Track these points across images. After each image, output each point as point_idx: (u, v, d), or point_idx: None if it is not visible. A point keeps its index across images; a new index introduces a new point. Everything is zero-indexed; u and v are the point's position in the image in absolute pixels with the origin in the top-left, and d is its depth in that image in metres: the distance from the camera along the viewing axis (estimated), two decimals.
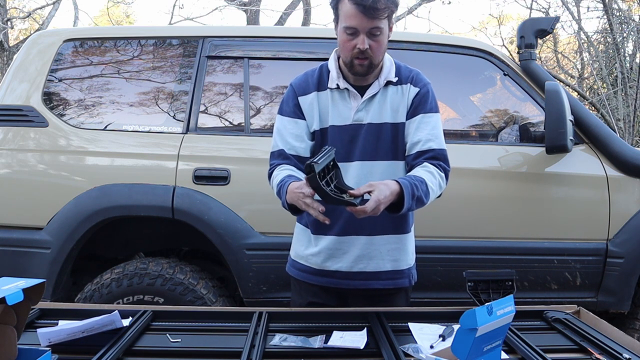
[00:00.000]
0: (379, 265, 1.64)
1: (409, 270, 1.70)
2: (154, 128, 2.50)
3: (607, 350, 1.24)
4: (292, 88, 1.66)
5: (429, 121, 1.59)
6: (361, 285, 1.65)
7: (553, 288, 2.41)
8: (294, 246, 1.77)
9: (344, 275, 1.64)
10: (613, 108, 7.90)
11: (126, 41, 2.68)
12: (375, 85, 1.60)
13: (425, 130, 1.58)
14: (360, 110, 1.60)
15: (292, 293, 1.80)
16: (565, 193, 2.44)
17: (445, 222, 2.39)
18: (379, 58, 1.56)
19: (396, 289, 1.69)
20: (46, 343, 1.21)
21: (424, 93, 1.61)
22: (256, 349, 1.21)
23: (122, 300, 2.35)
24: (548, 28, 2.59)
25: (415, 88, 1.61)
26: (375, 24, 1.48)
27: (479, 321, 1.04)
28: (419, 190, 1.43)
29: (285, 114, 1.65)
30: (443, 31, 11.23)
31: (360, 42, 1.49)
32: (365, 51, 1.50)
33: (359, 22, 1.48)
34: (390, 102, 1.60)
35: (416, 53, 2.54)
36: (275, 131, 1.67)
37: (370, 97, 1.60)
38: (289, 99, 1.65)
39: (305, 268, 1.70)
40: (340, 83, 1.60)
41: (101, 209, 2.36)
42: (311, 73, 1.67)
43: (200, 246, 2.62)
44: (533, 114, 2.68)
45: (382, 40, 1.52)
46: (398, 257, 1.66)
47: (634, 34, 8.51)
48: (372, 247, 1.63)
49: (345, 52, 1.54)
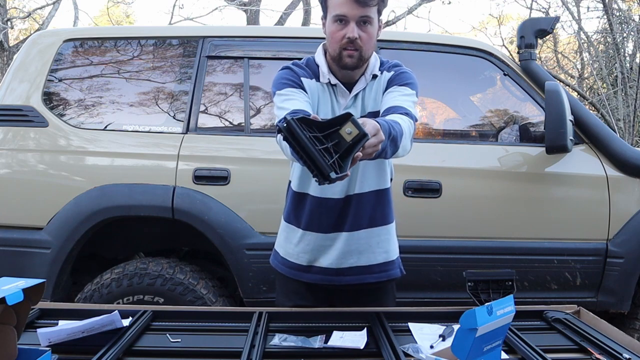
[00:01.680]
0: (370, 259, 1.62)
1: (398, 260, 1.69)
2: (154, 128, 2.50)
3: (607, 350, 1.24)
4: (291, 70, 1.57)
5: (402, 91, 1.52)
6: (354, 281, 1.63)
7: (553, 288, 2.41)
8: (281, 242, 1.71)
9: (334, 271, 1.62)
10: (613, 108, 7.90)
11: (126, 41, 2.68)
12: (362, 81, 1.57)
13: (397, 94, 1.51)
14: (349, 107, 1.57)
15: (277, 292, 1.75)
16: (565, 193, 2.44)
17: (445, 222, 2.39)
18: (369, 52, 1.53)
19: (387, 281, 1.66)
20: (46, 343, 1.21)
21: (398, 73, 1.57)
22: (256, 349, 1.21)
23: (122, 300, 2.35)
24: (548, 28, 2.59)
25: (389, 73, 1.58)
26: (366, 12, 1.46)
27: (479, 321, 1.04)
28: (394, 130, 1.32)
29: (288, 85, 1.52)
30: (443, 31, 11.22)
31: (350, 30, 1.47)
32: (354, 41, 1.47)
33: (348, 10, 1.45)
34: (374, 93, 1.57)
35: (416, 53, 2.54)
36: (279, 103, 1.50)
37: (357, 94, 1.57)
38: (289, 75, 1.55)
39: (293, 265, 1.66)
40: (331, 79, 1.57)
41: (101, 209, 2.36)
42: (301, 64, 1.61)
43: (200, 246, 2.62)
44: (533, 114, 2.68)
45: (371, 32, 1.50)
46: (388, 249, 1.64)
47: (634, 34, 8.51)
48: (359, 242, 1.60)
49: (334, 43, 1.51)
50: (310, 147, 0.99)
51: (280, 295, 1.73)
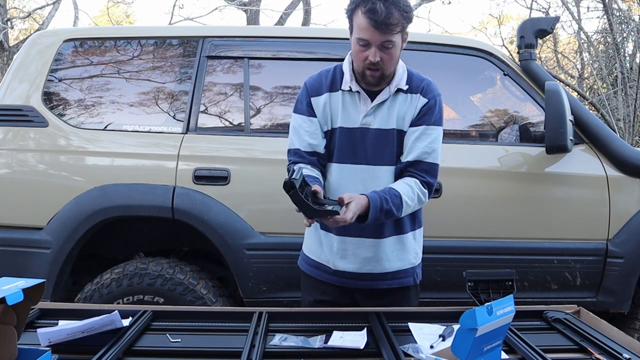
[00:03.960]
0: (385, 267, 1.68)
1: (413, 269, 1.74)
2: (154, 128, 2.49)
3: (607, 350, 1.24)
4: (306, 88, 1.69)
5: (431, 134, 1.63)
6: (368, 286, 1.70)
7: (553, 288, 2.41)
8: (307, 242, 1.80)
9: (352, 275, 1.69)
10: (613, 108, 7.90)
11: (126, 41, 2.67)
12: (386, 92, 1.62)
13: (425, 142, 1.62)
14: (369, 115, 1.62)
15: (302, 291, 1.83)
16: (565, 193, 2.44)
17: (445, 222, 2.39)
18: (391, 69, 1.58)
19: (402, 287, 1.72)
20: (46, 343, 1.21)
21: (432, 104, 1.64)
22: (256, 349, 1.21)
23: (122, 300, 2.35)
24: (548, 28, 2.59)
25: (425, 99, 1.63)
26: (387, 38, 1.50)
27: (479, 321, 1.04)
28: (389, 203, 1.50)
29: (300, 112, 1.68)
30: (443, 31, 11.22)
31: (372, 54, 1.51)
32: (376, 63, 1.53)
33: (370, 36, 1.50)
34: (398, 109, 1.63)
35: (416, 53, 2.54)
36: (291, 129, 1.70)
37: (380, 103, 1.62)
38: (303, 98, 1.69)
39: (316, 264, 1.74)
40: (352, 86, 1.62)
41: (101, 209, 2.35)
42: (325, 73, 1.69)
43: (200, 246, 2.62)
44: (533, 114, 2.68)
45: (394, 53, 1.54)
46: (402, 257, 1.70)
47: (634, 34, 8.51)
48: (380, 250, 1.67)
49: (358, 62, 1.57)
50: (301, 202, 1.36)
51: (304, 292, 1.82)
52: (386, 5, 1.46)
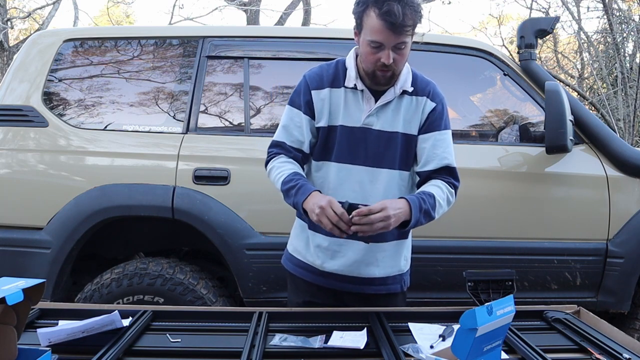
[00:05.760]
0: (372, 272, 1.64)
1: (401, 276, 1.71)
2: (154, 128, 2.50)
3: (607, 350, 1.24)
4: (306, 80, 1.63)
5: (444, 138, 1.61)
6: (355, 289, 1.66)
7: (553, 288, 2.41)
8: (293, 241, 1.75)
9: (340, 277, 1.65)
10: (613, 108, 7.90)
11: (126, 41, 2.68)
12: (391, 93, 1.58)
13: (441, 147, 1.60)
14: (372, 115, 1.58)
15: (289, 291, 1.80)
16: (565, 193, 2.44)
17: (445, 222, 2.37)
18: (401, 68, 1.56)
19: (388, 294, 1.69)
20: (46, 343, 1.21)
21: (440, 109, 1.61)
22: (256, 349, 1.21)
23: (122, 300, 2.35)
24: (548, 28, 2.59)
25: (432, 103, 1.61)
26: (402, 40, 1.47)
27: (479, 321, 1.04)
28: (426, 203, 1.48)
29: (295, 105, 1.63)
30: (443, 31, 11.21)
31: (385, 57, 1.47)
32: (389, 64, 1.49)
33: (385, 38, 1.45)
34: (404, 112, 1.59)
35: (416, 53, 2.53)
36: (282, 120, 1.65)
37: (384, 104, 1.58)
38: (301, 91, 1.63)
39: (303, 265, 1.69)
40: (357, 84, 1.58)
41: (101, 209, 2.35)
42: (326, 67, 1.64)
43: (200, 246, 2.62)
44: (533, 114, 2.68)
45: (405, 53, 1.51)
46: (392, 264, 1.67)
47: (634, 34, 8.51)
48: (369, 254, 1.62)
49: (368, 63, 1.52)
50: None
51: (291, 293, 1.78)
52: (402, 6, 1.42)
